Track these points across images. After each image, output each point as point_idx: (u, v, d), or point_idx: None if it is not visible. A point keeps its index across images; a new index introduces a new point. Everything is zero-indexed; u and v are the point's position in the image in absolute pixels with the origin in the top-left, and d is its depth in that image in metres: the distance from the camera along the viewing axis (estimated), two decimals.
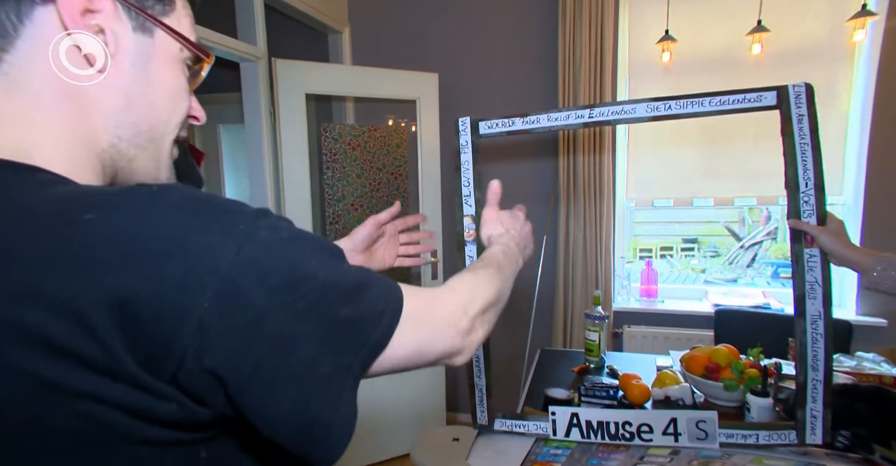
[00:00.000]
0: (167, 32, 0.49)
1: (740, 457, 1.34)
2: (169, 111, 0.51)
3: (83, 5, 0.43)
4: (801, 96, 1.26)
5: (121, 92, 0.47)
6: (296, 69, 2.31)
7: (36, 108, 0.43)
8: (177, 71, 0.51)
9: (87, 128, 0.45)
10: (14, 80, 0.42)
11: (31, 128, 0.43)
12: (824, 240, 1.22)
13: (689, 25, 2.49)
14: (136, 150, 0.49)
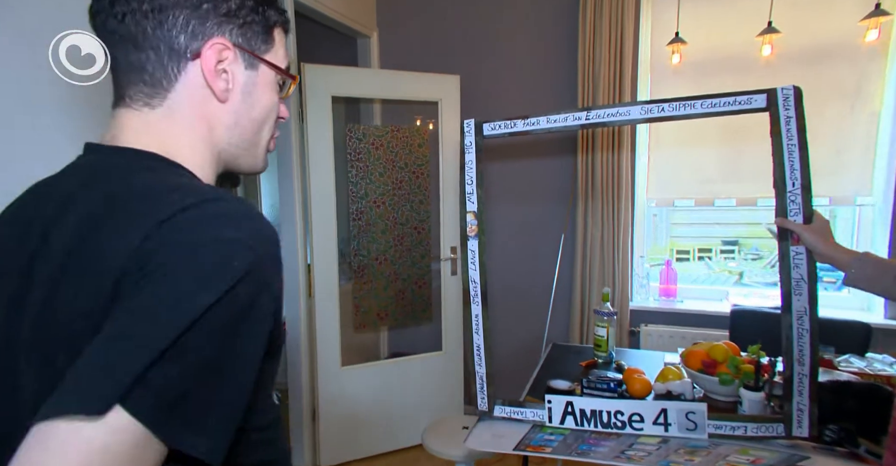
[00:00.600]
0: (268, 66, 0.66)
1: (726, 448, 1.38)
2: (264, 122, 0.69)
3: (217, 59, 0.60)
4: (789, 99, 1.30)
5: (233, 115, 0.65)
6: (322, 73, 2.45)
7: (182, 126, 0.62)
8: (272, 91, 0.68)
9: (210, 138, 0.64)
10: (172, 109, 0.61)
11: (178, 137, 0.62)
12: (808, 238, 1.26)
13: (715, 25, 2.51)
14: (240, 151, 0.68)
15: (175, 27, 0.58)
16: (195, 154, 0.63)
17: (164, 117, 0.61)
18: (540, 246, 2.89)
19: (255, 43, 0.64)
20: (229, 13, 0.60)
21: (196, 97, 0.61)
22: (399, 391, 2.74)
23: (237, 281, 0.48)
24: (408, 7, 3.03)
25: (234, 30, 0.61)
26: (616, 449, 1.41)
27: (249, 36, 0.63)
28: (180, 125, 0.61)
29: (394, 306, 2.76)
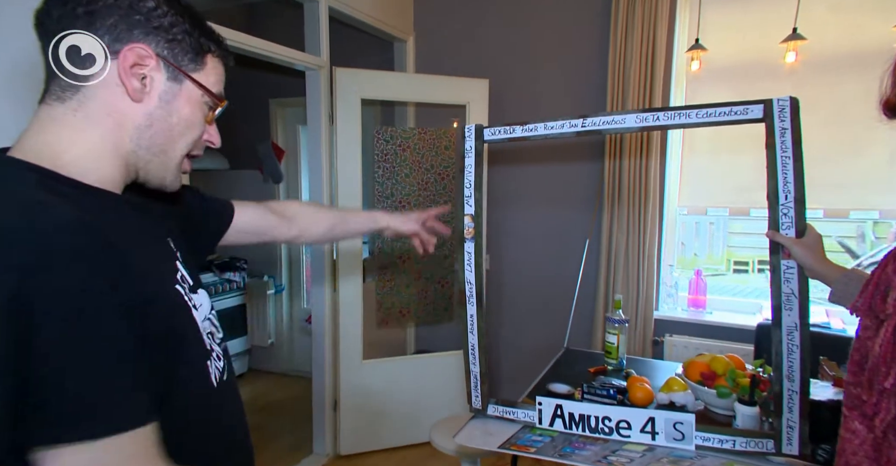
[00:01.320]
0: (193, 83, 0.71)
1: (711, 460, 1.37)
2: (182, 133, 0.72)
3: (134, 61, 0.66)
4: (785, 110, 1.27)
5: (147, 117, 0.69)
6: (353, 77, 2.55)
7: (89, 119, 0.66)
8: (195, 108, 0.73)
9: (117, 136, 0.68)
10: (82, 102, 0.66)
11: (80, 132, 0.66)
12: (797, 252, 1.23)
13: (749, 30, 2.44)
14: (151, 155, 0.71)
15: (102, 28, 0.65)
16: (91, 151, 0.66)
17: (70, 111, 0.66)
18: (564, 251, 2.88)
19: (182, 60, 0.70)
20: (160, 27, 0.67)
21: (109, 93, 0.66)
22: (418, 388, 2.81)
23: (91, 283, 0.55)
24: (444, 12, 3.09)
25: (161, 42, 0.68)
26: (599, 454, 1.42)
27: (177, 51, 0.69)
28: (85, 118, 0.66)
29: (416, 304, 2.83)
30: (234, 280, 3.68)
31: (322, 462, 2.69)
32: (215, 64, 0.75)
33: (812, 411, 1.31)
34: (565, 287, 2.85)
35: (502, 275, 3.05)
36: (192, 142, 0.74)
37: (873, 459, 0.80)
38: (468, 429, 1.60)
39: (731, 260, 3.02)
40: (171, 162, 0.73)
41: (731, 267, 3.03)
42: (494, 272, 3.05)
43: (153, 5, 0.67)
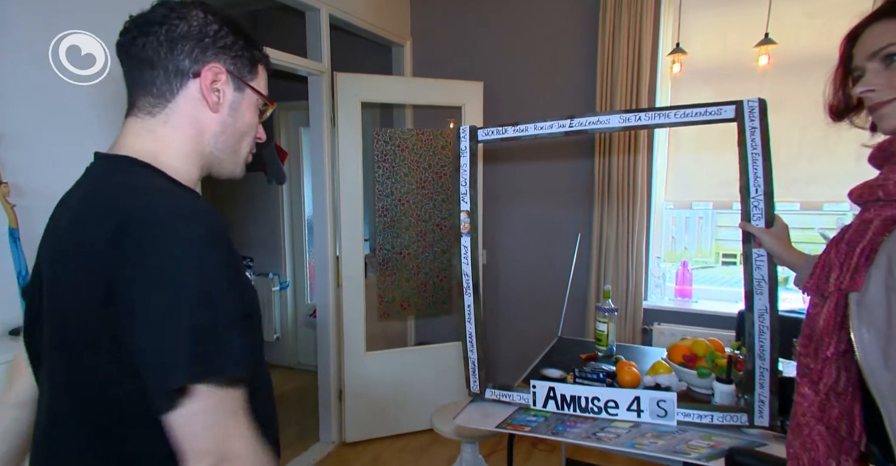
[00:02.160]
0: (252, 90, 0.84)
1: (692, 433, 1.49)
2: (245, 134, 0.86)
3: (212, 79, 0.78)
4: (754, 110, 1.39)
5: (220, 124, 0.82)
6: (353, 81, 2.66)
7: (175, 129, 0.79)
8: (253, 112, 0.86)
9: (199, 140, 0.81)
10: (169, 115, 0.78)
11: (169, 139, 0.78)
12: (766, 241, 1.35)
13: (731, 35, 2.56)
14: (224, 155, 0.84)
15: (182, 53, 0.76)
16: (179, 154, 0.79)
17: (160, 123, 0.78)
18: (557, 245, 3.01)
19: (243, 71, 0.83)
20: (225, 47, 0.79)
21: (191, 107, 0.78)
22: (419, 377, 2.93)
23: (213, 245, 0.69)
24: (440, 17, 3.20)
25: (227, 59, 0.80)
26: (589, 431, 1.54)
27: (239, 65, 0.82)
28: (173, 128, 0.78)
29: (416, 297, 2.95)
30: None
31: (328, 450, 2.81)
32: (263, 71, 0.88)
33: (781, 386, 1.43)
34: (558, 280, 2.97)
35: (498, 269, 3.17)
36: (253, 140, 0.89)
37: (818, 418, 0.92)
38: (467, 412, 1.72)
39: (720, 253, 3.14)
40: (240, 158, 0.88)
41: (720, 259, 3.15)
42: (491, 267, 3.17)
43: (217, 28, 0.79)
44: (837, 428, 0.91)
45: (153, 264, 0.63)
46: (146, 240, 0.64)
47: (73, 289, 0.68)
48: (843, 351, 0.88)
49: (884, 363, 0.81)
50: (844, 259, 0.86)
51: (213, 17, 0.79)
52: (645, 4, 2.59)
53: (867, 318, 0.83)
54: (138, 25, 0.76)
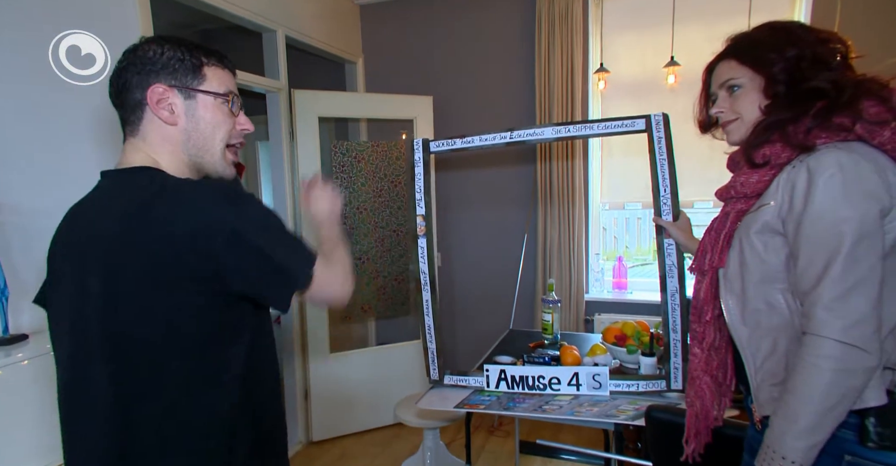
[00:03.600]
0: (202, 93, 0.94)
1: (622, 400, 1.73)
2: (212, 134, 0.95)
3: (157, 98, 0.90)
4: (659, 123, 1.65)
5: (184, 133, 0.94)
6: (310, 97, 2.82)
7: (154, 145, 0.93)
8: (214, 110, 0.95)
9: (176, 151, 0.94)
10: (144, 136, 0.93)
11: (155, 153, 0.93)
12: (673, 233, 1.60)
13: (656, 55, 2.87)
14: (199, 158, 0.96)
15: (129, 87, 0.91)
16: (170, 162, 0.94)
17: (141, 141, 0.93)
18: (506, 246, 3.25)
19: (186, 80, 0.93)
20: (163, 66, 0.91)
21: (154, 127, 0.92)
22: (381, 375, 3.10)
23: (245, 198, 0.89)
24: (390, 36, 3.41)
25: (167, 75, 0.91)
26: (535, 405, 1.75)
27: (179, 76, 0.92)
28: (152, 145, 0.93)
29: (376, 300, 3.12)
30: None
31: (296, 450, 2.93)
32: (214, 71, 0.96)
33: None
34: (508, 277, 3.21)
35: (453, 270, 3.39)
36: (225, 135, 0.97)
37: (705, 370, 1.17)
38: (428, 397, 1.90)
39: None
40: (215, 157, 0.97)
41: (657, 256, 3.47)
42: (446, 268, 3.38)
43: (152, 53, 0.91)
44: (716, 377, 1.16)
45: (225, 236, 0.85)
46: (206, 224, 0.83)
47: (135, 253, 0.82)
48: (717, 315, 1.13)
49: (742, 321, 1.06)
50: (713, 244, 1.11)
51: (148, 46, 0.92)
52: (574, 27, 2.88)
53: (730, 287, 1.08)
54: (115, 71, 0.94)
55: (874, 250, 0.89)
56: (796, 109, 0.99)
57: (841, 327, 0.88)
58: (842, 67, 1.00)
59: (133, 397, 0.85)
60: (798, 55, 1.01)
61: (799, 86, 1.00)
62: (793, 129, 0.99)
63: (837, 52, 1.00)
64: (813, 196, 0.93)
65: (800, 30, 1.04)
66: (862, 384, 0.89)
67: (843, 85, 0.97)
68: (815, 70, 0.99)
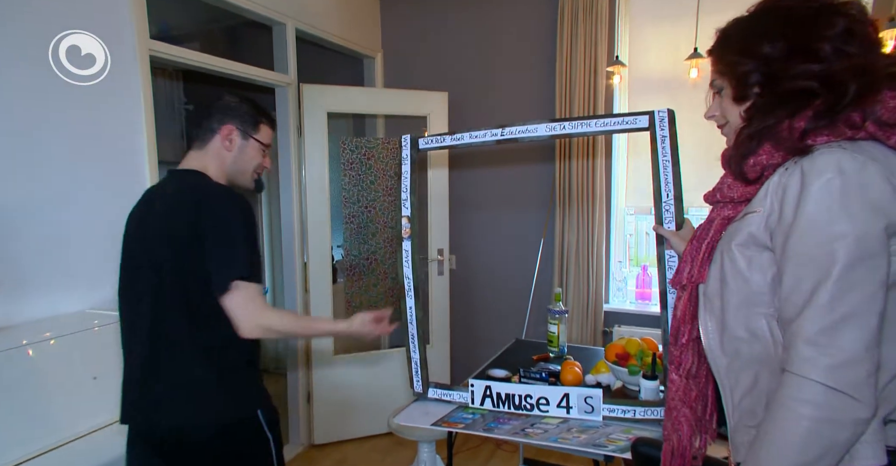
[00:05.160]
0: (253, 140, 1.44)
1: (614, 427, 1.55)
2: (248, 165, 1.45)
3: (226, 134, 1.40)
4: (664, 120, 1.47)
5: (232, 158, 1.42)
6: (318, 92, 2.75)
7: (209, 159, 1.40)
8: (255, 151, 1.45)
9: (222, 167, 1.41)
10: (207, 151, 1.40)
11: (208, 163, 1.40)
12: (675, 243, 1.42)
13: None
14: (234, 176, 1.44)
15: (213, 119, 1.41)
16: (214, 171, 1.40)
17: (203, 154, 1.41)
18: (523, 250, 3.08)
19: (248, 128, 1.44)
20: (237, 115, 1.42)
21: (215, 148, 1.41)
22: (387, 380, 3.00)
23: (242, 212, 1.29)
24: (410, 31, 3.30)
25: (237, 121, 1.42)
26: (518, 427, 1.60)
27: (245, 125, 1.43)
28: (208, 158, 1.40)
29: (383, 302, 3.02)
30: None
31: (297, 452, 2.88)
32: (265, 127, 1.49)
33: None
34: (524, 283, 3.04)
35: (467, 273, 3.25)
36: (255, 168, 1.49)
37: (683, 401, 0.99)
38: (409, 410, 1.78)
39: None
40: (245, 177, 1.48)
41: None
42: (460, 272, 3.24)
43: (233, 103, 1.43)
44: (695, 409, 0.99)
45: (214, 218, 1.26)
46: (211, 207, 1.27)
47: (171, 234, 1.27)
48: (696, 338, 0.96)
49: (720, 348, 0.88)
50: (694, 254, 0.94)
51: (231, 98, 1.44)
52: (599, 19, 2.69)
53: (710, 307, 0.90)
54: (203, 106, 1.45)
55: (875, 275, 0.71)
56: (781, 113, 0.81)
57: (826, 367, 0.71)
58: (842, 50, 0.79)
59: (162, 323, 1.28)
60: (767, 54, 0.83)
61: (776, 87, 0.83)
62: (785, 132, 0.81)
63: (838, 29, 0.80)
64: (804, 205, 0.76)
65: (784, 10, 0.84)
66: (849, 439, 0.71)
67: (840, 78, 0.77)
68: (795, 64, 0.80)
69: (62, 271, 1.81)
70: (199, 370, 1.29)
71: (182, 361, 1.29)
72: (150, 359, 1.29)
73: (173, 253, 1.26)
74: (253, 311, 1.24)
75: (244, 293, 1.23)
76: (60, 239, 1.80)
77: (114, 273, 1.91)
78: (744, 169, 0.87)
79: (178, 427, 1.29)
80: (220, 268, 1.24)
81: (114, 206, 1.95)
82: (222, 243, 1.25)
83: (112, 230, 1.93)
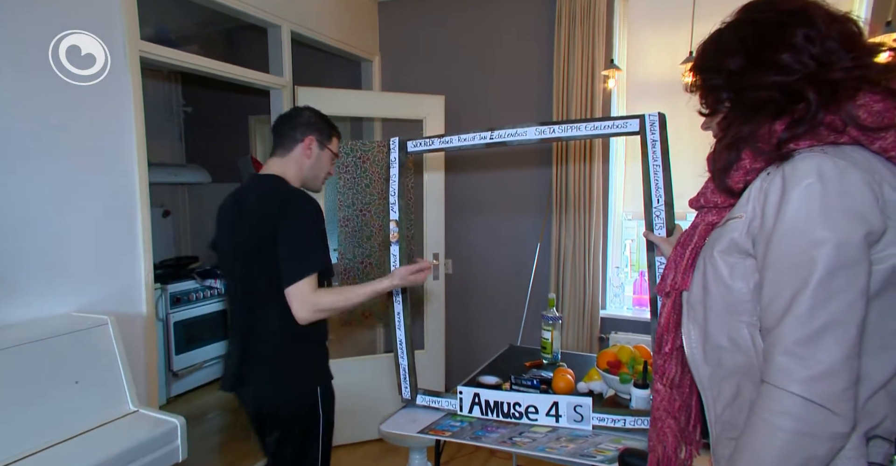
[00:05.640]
0: (328, 150, 1.73)
1: (604, 437, 1.52)
2: (320, 171, 1.73)
3: (308, 144, 1.67)
4: (654, 124, 1.44)
5: (309, 165, 1.69)
6: (313, 95, 2.73)
7: (289, 165, 1.68)
8: (328, 160, 1.74)
9: (299, 172, 1.69)
10: (288, 158, 1.68)
11: (288, 169, 1.67)
12: (666, 250, 1.39)
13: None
14: (308, 181, 1.72)
15: (296, 130, 1.67)
16: (292, 176, 1.66)
17: (284, 160, 1.67)
18: (519, 255, 3.05)
19: (324, 140, 1.70)
20: (317, 128, 1.69)
21: (295, 156, 1.66)
22: (379, 384, 2.96)
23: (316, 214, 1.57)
24: (408, 34, 3.28)
25: (315, 133, 1.68)
26: (506, 436, 1.57)
27: (322, 137, 1.70)
28: (288, 164, 1.66)
29: (377, 306, 2.99)
30: (214, 287, 3.86)
31: None
32: (335, 139, 1.75)
33: None
34: (520, 288, 3.01)
35: (463, 278, 3.22)
36: (326, 173, 1.75)
37: (668, 411, 0.96)
38: (396, 417, 1.75)
39: None
40: (319, 180, 1.75)
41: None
42: (456, 276, 3.21)
43: (314, 119, 1.71)
44: (679, 420, 0.96)
45: (293, 218, 1.51)
46: (292, 208, 1.52)
47: (259, 231, 1.52)
48: (679, 347, 0.93)
49: (703, 357, 0.86)
50: (678, 261, 0.91)
51: (311, 112, 1.72)
52: (597, 23, 2.66)
53: (693, 316, 0.88)
54: (282, 116, 1.73)
55: (854, 283, 0.69)
56: (758, 120, 0.81)
57: (803, 378, 0.69)
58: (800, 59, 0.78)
59: (255, 309, 1.59)
60: (730, 68, 0.85)
61: (742, 99, 0.84)
62: (764, 139, 0.79)
63: (797, 38, 0.79)
64: (784, 211, 0.73)
65: (749, 23, 0.85)
66: (827, 453, 0.69)
67: (797, 87, 0.77)
68: (755, 76, 0.82)
69: (47, 272, 1.79)
70: (280, 348, 1.58)
71: (267, 339, 1.58)
72: (246, 337, 1.60)
73: (260, 248, 1.51)
74: (306, 298, 1.46)
75: (304, 285, 1.46)
76: (46, 240, 1.78)
77: (100, 275, 1.94)
78: (728, 184, 0.85)
79: (258, 395, 1.62)
80: (294, 262, 1.47)
81: (102, 207, 1.94)
82: (299, 240, 1.49)
83: (100, 231, 1.93)
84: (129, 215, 2.03)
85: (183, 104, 4.11)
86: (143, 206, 2.05)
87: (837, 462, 0.71)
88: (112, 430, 1.69)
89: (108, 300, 1.96)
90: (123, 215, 2.01)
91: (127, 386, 1.81)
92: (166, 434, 1.71)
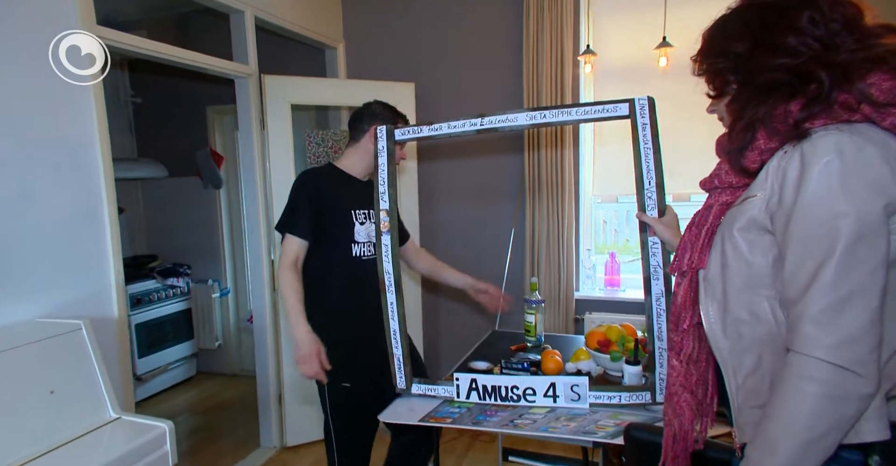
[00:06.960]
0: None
1: (602, 414, 1.57)
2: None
3: (374, 133, 1.76)
4: (644, 108, 1.48)
5: (368, 156, 1.87)
6: (281, 83, 2.65)
7: (360, 152, 1.91)
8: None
9: (367, 157, 1.89)
10: (358, 148, 1.92)
11: (355, 159, 1.93)
12: (658, 230, 1.43)
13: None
14: (370, 170, 1.86)
15: (364, 121, 1.89)
16: (360, 161, 1.92)
17: (354, 150, 1.93)
18: (493, 240, 3.07)
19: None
20: (382, 118, 1.86)
21: (364, 144, 1.89)
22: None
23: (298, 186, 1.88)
24: (372, 21, 3.22)
25: (380, 123, 1.77)
26: (507, 419, 1.59)
27: (387, 124, 1.75)
28: (359, 152, 1.91)
29: None
30: (177, 286, 3.72)
31: (269, 455, 2.79)
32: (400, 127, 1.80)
33: None
34: (496, 274, 3.04)
35: None
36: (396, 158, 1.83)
37: (684, 386, 1.00)
38: (393, 407, 1.74)
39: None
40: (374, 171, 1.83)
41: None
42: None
43: (380, 110, 1.91)
44: (696, 393, 1.00)
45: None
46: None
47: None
48: (697, 323, 0.97)
49: (722, 332, 0.89)
50: (693, 241, 0.94)
51: (378, 105, 1.92)
52: (564, 8, 2.69)
53: (711, 292, 0.91)
54: (354, 111, 1.94)
55: (876, 252, 0.73)
56: (772, 101, 0.84)
57: (830, 344, 0.73)
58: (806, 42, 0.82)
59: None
60: (737, 52, 0.88)
61: (751, 81, 0.87)
62: (780, 119, 0.83)
63: (802, 21, 0.82)
64: (805, 187, 0.77)
65: (757, 7, 0.88)
66: (855, 414, 0.74)
67: (808, 68, 0.80)
68: (763, 59, 0.85)
69: (8, 275, 1.68)
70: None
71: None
72: None
73: None
74: (281, 261, 1.81)
75: (284, 242, 1.83)
76: (5, 240, 1.66)
77: (66, 278, 1.83)
78: (744, 164, 0.88)
79: None
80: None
81: (66, 204, 1.83)
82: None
83: (65, 230, 1.81)
84: (95, 213, 1.92)
85: (132, 95, 3.90)
86: (111, 203, 1.95)
87: (862, 422, 0.76)
88: (95, 439, 1.61)
89: (76, 304, 1.86)
90: (90, 213, 1.90)
91: (106, 393, 1.73)
92: (154, 440, 1.65)
